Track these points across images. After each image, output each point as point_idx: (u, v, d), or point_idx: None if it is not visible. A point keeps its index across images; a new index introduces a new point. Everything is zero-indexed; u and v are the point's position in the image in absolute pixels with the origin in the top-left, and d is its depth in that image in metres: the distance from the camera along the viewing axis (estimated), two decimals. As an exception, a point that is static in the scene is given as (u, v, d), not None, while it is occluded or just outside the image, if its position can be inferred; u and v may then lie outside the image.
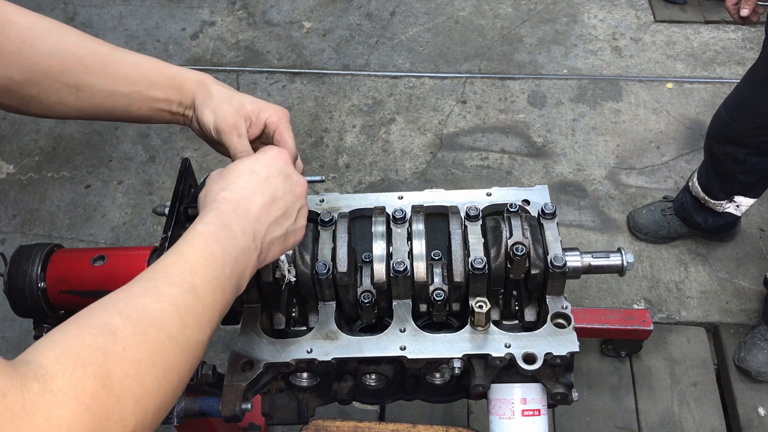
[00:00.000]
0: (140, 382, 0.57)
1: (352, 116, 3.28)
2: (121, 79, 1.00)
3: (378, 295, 1.05)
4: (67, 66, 0.98)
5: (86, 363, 0.54)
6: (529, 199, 1.15)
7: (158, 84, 1.01)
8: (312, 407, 1.15)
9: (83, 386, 0.52)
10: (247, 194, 0.84)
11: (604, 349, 2.41)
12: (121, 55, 1.01)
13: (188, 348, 0.65)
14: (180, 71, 1.03)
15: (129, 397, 0.55)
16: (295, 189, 0.90)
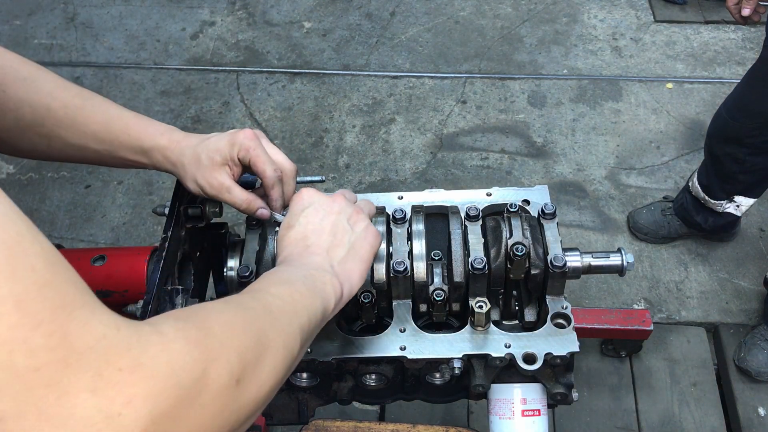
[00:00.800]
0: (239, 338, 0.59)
1: (352, 116, 3.28)
2: (91, 136, 0.99)
3: (378, 295, 1.05)
4: (39, 116, 0.97)
5: (186, 318, 0.57)
6: (529, 199, 1.15)
7: (126, 146, 1.00)
8: (312, 407, 1.15)
9: (188, 331, 0.54)
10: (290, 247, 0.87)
11: (604, 349, 2.41)
12: (92, 111, 1.00)
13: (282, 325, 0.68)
14: (146, 134, 1.00)
15: (231, 346, 0.57)
16: (332, 207, 0.90)
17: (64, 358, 0.42)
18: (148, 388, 0.46)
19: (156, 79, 3.47)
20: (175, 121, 3.25)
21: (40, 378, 0.41)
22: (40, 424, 0.41)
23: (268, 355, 0.62)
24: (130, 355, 0.47)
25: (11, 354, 0.40)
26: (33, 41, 3.67)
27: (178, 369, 0.50)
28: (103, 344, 0.45)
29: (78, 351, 0.43)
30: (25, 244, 0.43)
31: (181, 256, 1.08)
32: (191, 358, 0.51)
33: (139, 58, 3.60)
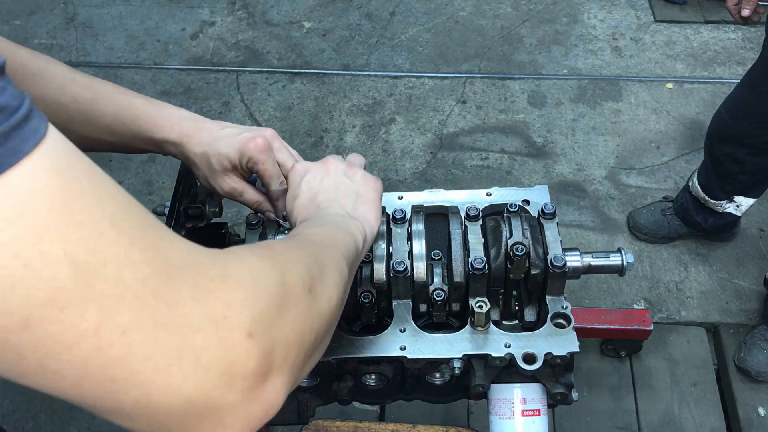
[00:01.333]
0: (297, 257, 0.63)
1: (352, 116, 3.28)
2: (104, 129, 1.00)
3: (378, 295, 1.05)
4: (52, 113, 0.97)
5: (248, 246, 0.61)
6: (529, 199, 1.15)
7: (140, 138, 1.01)
8: (312, 407, 1.15)
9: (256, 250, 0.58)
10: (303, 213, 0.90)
11: (604, 349, 2.41)
12: (102, 104, 0.99)
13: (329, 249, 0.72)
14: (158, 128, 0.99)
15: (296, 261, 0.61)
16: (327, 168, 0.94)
17: (164, 270, 0.44)
18: (242, 293, 0.49)
19: (156, 79, 3.47)
20: (175, 121, 3.25)
21: (148, 289, 0.43)
22: (157, 332, 0.43)
23: (327, 272, 0.65)
24: (216, 268, 0.49)
25: (119, 269, 0.42)
26: (33, 41, 3.67)
27: (261, 277, 0.52)
28: (191, 258, 0.48)
29: (173, 264, 0.46)
30: (100, 174, 0.45)
31: (181, 256, 1.08)
32: (268, 268, 0.54)
33: (139, 58, 3.60)
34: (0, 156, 0.38)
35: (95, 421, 2.38)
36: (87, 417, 2.38)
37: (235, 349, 0.46)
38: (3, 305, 0.38)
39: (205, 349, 0.45)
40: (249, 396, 0.48)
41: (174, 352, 0.44)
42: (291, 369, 0.53)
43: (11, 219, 0.38)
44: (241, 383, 0.47)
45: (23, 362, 0.40)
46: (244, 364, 0.47)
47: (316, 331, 0.59)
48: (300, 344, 0.55)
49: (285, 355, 0.52)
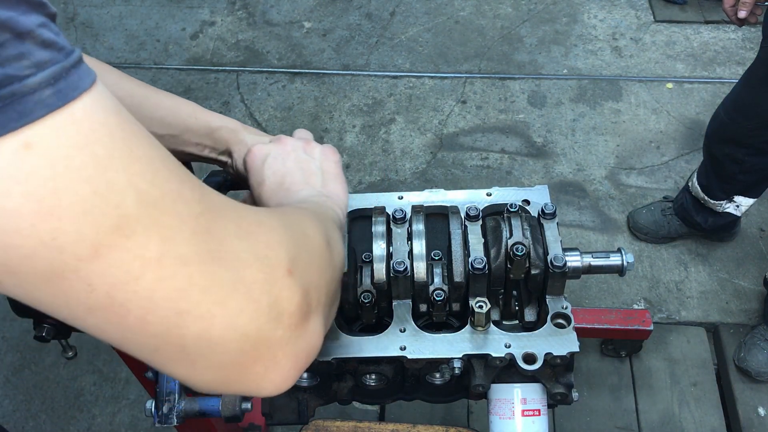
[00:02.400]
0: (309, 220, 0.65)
1: (352, 116, 3.28)
2: (157, 121, 1.03)
3: (378, 295, 1.05)
4: None
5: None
6: (529, 199, 1.15)
7: (192, 129, 1.04)
8: (312, 407, 1.15)
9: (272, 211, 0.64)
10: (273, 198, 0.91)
11: (604, 349, 2.41)
12: (158, 98, 1.05)
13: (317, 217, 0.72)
14: (215, 118, 1.06)
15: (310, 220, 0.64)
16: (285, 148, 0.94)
17: (211, 209, 0.47)
18: (276, 236, 0.52)
19: (156, 79, 3.47)
20: (175, 121, 3.25)
21: (200, 224, 0.45)
22: (213, 265, 0.45)
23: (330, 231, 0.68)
24: (251, 214, 0.52)
25: (175, 203, 0.44)
26: (33, 41, 3.67)
27: (289, 225, 0.56)
28: (230, 203, 0.50)
29: (217, 205, 0.48)
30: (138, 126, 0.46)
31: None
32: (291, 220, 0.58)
33: (139, 58, 3.60)
34: (63, 88, 0.40)
35: (95, 421, 2.38)
36: (87, 417, 2.38)
37: (279, 284, 0.49)
38: (75, 232, 0.39)
39: (255, 284, 0.47)
40: (295, 332, 0.50)
41: (229, 285, 0.45)
42: (324, 312, 0.56)
43: (80, 146, 0.40)
44: (288, 319, 0.49)
45: (92, 295, 0.41)
46: (289, 300, 0.49)
47: (336, 281, 0.62)
48: (327, 290, 0.57)
49: (318, 297, 0.54)
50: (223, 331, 0.45)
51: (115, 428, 2.36)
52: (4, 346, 2.57)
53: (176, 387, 1.02)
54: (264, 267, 0.48)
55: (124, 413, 2.38)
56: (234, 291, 0.46)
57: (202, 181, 1.14)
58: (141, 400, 2.38)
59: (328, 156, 0.94)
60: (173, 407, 1.02)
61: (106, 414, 2.38)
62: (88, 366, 2.49)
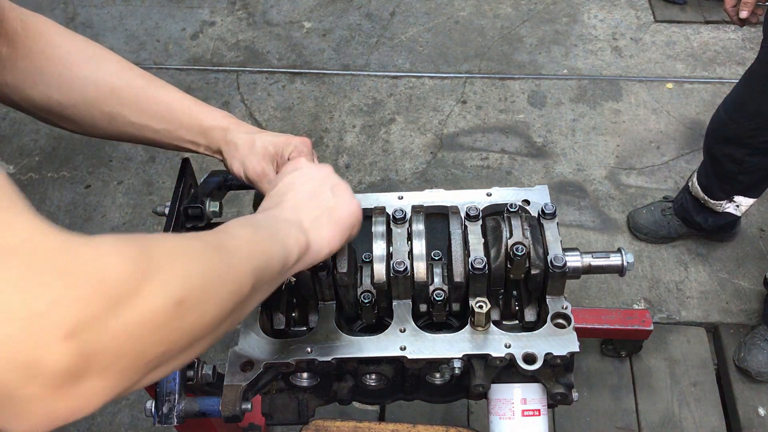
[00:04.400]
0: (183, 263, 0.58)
1: (352, 116, 3.28)
2: (153, 115, 1.04)
3: (378, 295, 1.05)
4: (103, 95, 1.02)
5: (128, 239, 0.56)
6: (529, 199, 1.15)
7: (186, 126, 1.05)
8: (312, 407, 1.15)
9: (126, 248, 0.53)
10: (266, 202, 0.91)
11: (604, 349, 2.41)
12: (155, 90, 1.05)
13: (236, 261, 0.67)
14: (209, 117, 1.06)
15: (171, 269, 0.56)
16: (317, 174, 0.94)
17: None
18: (74, 292, 0.46)
19: (156, 79, 3.47)
20: (175, 121, 3.25)
21: None
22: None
23: (215, 287, 0.61)
24: (58, 261, 0.47)
25: None
26: (33, 41, 3.67)
27: (108, 279, 0.49)
28: (28, 247, 0.46)
29: (8, 246, 0.44)
30: None
31: (181, 256, 1.08)
32: (124, 271, 0.51)
33: (139, 58, 3.60)
34: None
35: (95, 421, 2.38)
36: (87, 417, 2.38)
37: (45, 347, 0.45)
38: None
39: (10, 340, 0.43)
40: (54, 393, 0.46)
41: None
42: (121, 375, 0.51)
43: None
44: (45, 380, 0.45)
45: None
46: (51, 363, 0.45)
47: (171, 344, 0.55)
48: (139, 354, 0.52)
49: (111, 362, 0.50)
50: None
51: (115, 428, 2.36)
52: (4, 346, 2.57)
53: (176, 387, 1.02)
54: (31, 325, 0.44)
55: (124, 413, 2.38)
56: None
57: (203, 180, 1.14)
58: (141, 400, 2.37)
59: (347, 205, 0.91)
60: (173, 407, 1.02)
61: (106, 414, 2.38)
62: (88, 366, 2.49)
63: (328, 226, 0.88)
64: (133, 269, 0.52)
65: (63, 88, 1.00)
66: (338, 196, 0.91)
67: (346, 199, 0.92)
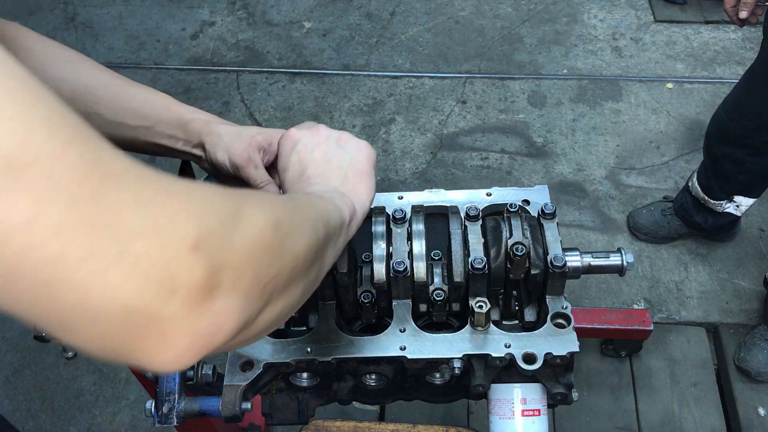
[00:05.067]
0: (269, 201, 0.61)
1: (352, 116, 3.28)
2: (130, 112, 1.02)
3: (378, 295, 1.05)
4: (79, 94, 1.01)
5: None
6: (529, 199, 1.15)
7: (165, 121, 1.04)
8: (312, 407, 1.15)
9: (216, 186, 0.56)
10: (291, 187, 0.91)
11: (604, 349, 2.41)
12: (133, 89, 1.04)
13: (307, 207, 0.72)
14: (188, 111, 1.05)
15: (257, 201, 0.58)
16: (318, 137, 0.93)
17: (104, 175, 0.43)
18: (190, 207, 0.48)
19: (156, 79, 3.47)
20: (175, 121, 3.26)
21: (84, 191, 0.42)
22: (93, 235, 0.42)
23: (299, 216, 0.65)
24: (163, 182, 0.47)
25: (52, 167, 0.41)
26: (33, 41, 3.67)
27: (212, 198, 0.51)
28: (135, 170, 0.46)
29: (114, 172, 0.44)
30: (36, 81, 0.43)
31: (181, 256, 1.08)
32: (223, 195, 0.53)
33: (139, 58, 3.60)
34: None
35: (95, 420, 2.38)
36: (87, 417, 2.38)
37: (177, 259, 0.45)
38: None
39: (145, 256, 0.44)
40: (193, 310, 0.46)
41: (111, 256, 0.42)
42: (246, 296, 0.52)
43: None
44: (184, 295, 0.45)
45: None
46: (187, 276, 0.45)
47: (279, 267, 0.57)
48: (256, 273, 0.53)
49: (236, 278, 0.50)
50: (102, 303, 0.43)
51: (115, 428, 2.36)
52: (4, 346, 2.57)
53: (176, 387, 1.02)
54: (161, 238, 0.45)
55: (124, 413, 2.38)
56: (117, 262, 0.43)
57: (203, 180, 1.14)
58: (141, 400, 2.38)
59: (361, 151, 0.92)
60: (173, 407, 1.02)
61: (106, 414, 2.38)
62: (88, 366, 2.49)
63: (357, 180, 0.88)
64: (230, 197, 0.54)
65: None
66: (348, 147, 0.92)
67: (356, 146, 0.92)
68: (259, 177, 1.02)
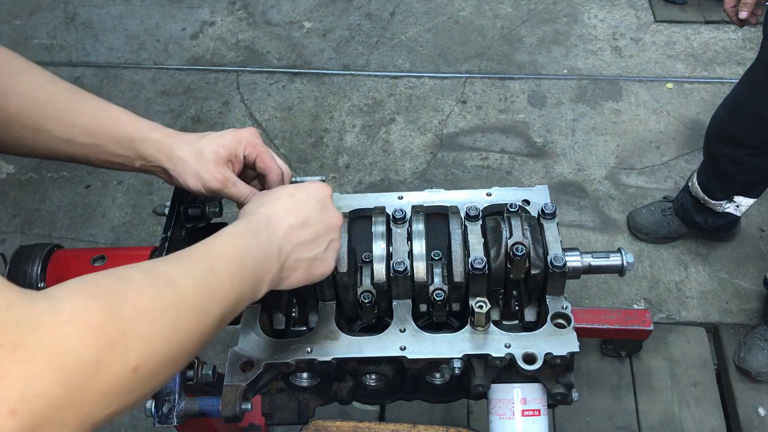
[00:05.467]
0: (148, 325, 0.58)
1: (352, 116, 3.28)
2: (79, 129, 0.97)
3: (378, 295, 1.05)
4: (26, 108, 0.96)
5: (97, 297, 0.55)
6: (529, 199, 1.15)
7: (115, 140, 0.98)
8: (312, 407, 1.15)
9: (90, 313, 0.53)
10: (281, 213, 0.88)
11: (604, 349, 2.41)
12: (83, 104, 0.99)
13: (200, 315, 0.67)
14: (138, 129, 0.99)
15: (135, 335, 0.56)
16: (330, 221, 0.92)
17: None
18: (25, 368, 0.47)
19: (156, 79, 3.47)
20: (175, 121, 3.26)
21: None
22: None
23: (176, 343, 0.62)
24: (15, 333, 0.47)
25: None
26: (33, 41, 3.67)
27: (64, 353, 0.50)
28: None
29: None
30: None
31: (181, 256, 1.08)
32: (83, 343, 0.51)
33: (139, 58, 3.60)
34: None
35: (95, 421, 2.38)
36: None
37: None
38: None
39: None
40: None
41: None
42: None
43: None
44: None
45: None
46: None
47: (124, 405, 0.56)
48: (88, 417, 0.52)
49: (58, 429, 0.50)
50: None
51: (115, 428, 2.36)
52: (4, 346, 2.57)
53: (176, 387, 1.02)
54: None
55: (124, 413, 2.38)
56: None
57: None
58: (141, 400, 2.37)
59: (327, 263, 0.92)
60: (173, 407, 1.02)
61: (106, 414, 2.38)
62: (88, 366, 2.49)
63: (303, 274, 0.89)
64: (94, 339, 0.52)
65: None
66: (328, 253, 0.92)
67: (331, 259, 0.93)
68: (241, 193, 1.00)
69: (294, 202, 0.90)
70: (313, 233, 0.89)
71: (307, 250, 0.88)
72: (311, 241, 0.89)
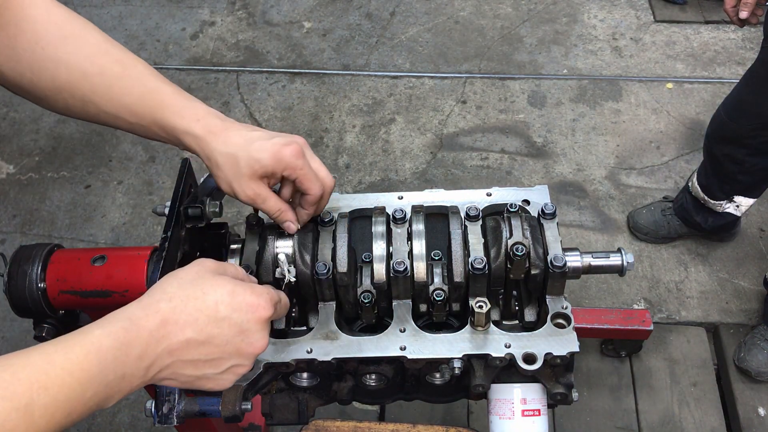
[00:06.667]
0: None
1: (352, 116, 3.28)
2: (125, 108, 0.97)
3: (378, 295, 1.05)
4: (74, 80, 0.95)
5: None
6: (529, 199, 1.15)
7: (159, 125, 0.97)
8: (312, 407, 1.15)
9: None
10: (183, 321, 0.76)
11: (604, 349, 2.41)
12: (128, 80, 0.97)
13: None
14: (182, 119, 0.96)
15: None
16: (244, 348, 0.81)
17: None
18: None
19: (156, 79, 3.47)
20: (175, 121, 3.25)
21: None
22: None
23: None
24: None
25: None
26: (33, 41, 3.67)
27: None
28: None
29: None
30: None
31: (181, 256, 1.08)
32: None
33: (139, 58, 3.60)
34: None
35: (95, 421, 2.38)
36: (87, 417, 2.38)
37: None
38: None
39: None
40: None
41: None
42: None
43: None
44: None
45: None
46: None
47: None
48: None
49: None
50: None
51: (115, 428, 2.36)
52: (4, 346, 2.57)
53: (176, 387, 1.02)
54: None
55: (124, 413, 2.38)
56: None
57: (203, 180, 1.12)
58: (141, 400, 2.37)
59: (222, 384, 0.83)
60: (173, 407, 1.02)
61: (106, 414, 2.38)
62: (88, 366, 2.49)
63: (180, 384, 0.80)
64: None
65: (34, 68, 0.94)
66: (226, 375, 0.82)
67: (228, 381, 0.83)
68: (273, 208, 0.99)
69: (209, 313, 0.78)
70: (211, 354, 0.78)
71: (194, 368, 0.78)
72: (204, 362, 0.79)
